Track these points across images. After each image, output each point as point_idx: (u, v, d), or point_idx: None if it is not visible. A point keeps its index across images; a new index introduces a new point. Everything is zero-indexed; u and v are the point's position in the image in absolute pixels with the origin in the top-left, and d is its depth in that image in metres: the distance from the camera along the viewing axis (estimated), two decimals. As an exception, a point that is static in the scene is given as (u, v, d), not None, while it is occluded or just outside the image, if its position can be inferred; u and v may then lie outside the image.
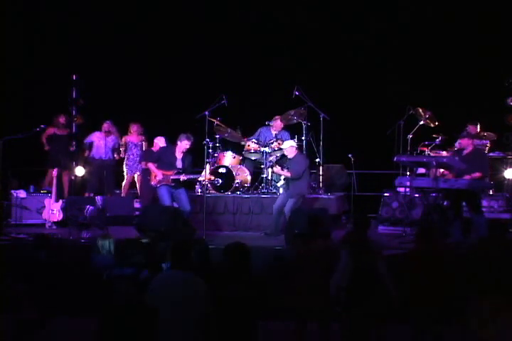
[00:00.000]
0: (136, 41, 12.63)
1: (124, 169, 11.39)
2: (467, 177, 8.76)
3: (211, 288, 4.92)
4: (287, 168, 9.87)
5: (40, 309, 5.96)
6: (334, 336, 6.09)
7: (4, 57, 12.41)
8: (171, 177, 9.31)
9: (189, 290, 4.85)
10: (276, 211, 9.67)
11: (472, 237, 8.55)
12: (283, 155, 10.37)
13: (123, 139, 11.40)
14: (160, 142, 10.46)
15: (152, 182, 9.48)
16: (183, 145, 9.36)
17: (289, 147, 9.79)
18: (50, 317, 6.06)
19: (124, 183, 11.46)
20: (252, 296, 5.00)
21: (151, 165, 9.50)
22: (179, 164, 9.40)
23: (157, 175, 9.36)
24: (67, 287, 6.52)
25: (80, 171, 11.09)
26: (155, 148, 10.37)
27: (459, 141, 9.44)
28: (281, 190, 10.28)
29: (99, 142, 11.20)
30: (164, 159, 9.44)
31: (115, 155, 11.30)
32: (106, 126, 11.21)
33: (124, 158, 11.35)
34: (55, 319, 6.17)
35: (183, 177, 9.29)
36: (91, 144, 11.25)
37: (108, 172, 11.04)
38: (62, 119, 11.18)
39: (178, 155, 9.43)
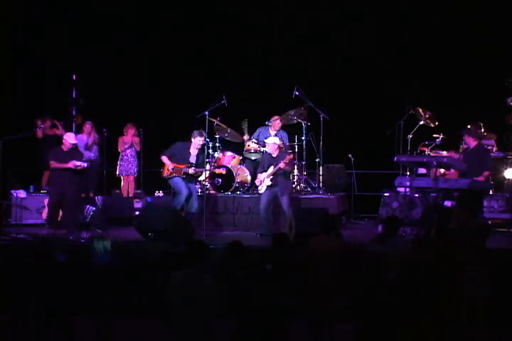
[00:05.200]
0: (136, 41, 12.63)
1: (118, 170, 11.42)
2: (480, 178, 8.85)
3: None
4: (274, 165, 9.67)
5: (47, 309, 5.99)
6: (339, 336, 6.09)
7: (4, 57, 12.42)
8: (183, 171, 9.45)
9: (204, 291, 4.86)
10: (264, 211, 9.62)
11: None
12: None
13: (119, 140, 11.42)
14: (69, 138, 9.86)
15: (164, 174, 9.61)
16: (197, 141, 9.56)
17: (272, 144, 9.72)
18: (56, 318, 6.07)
19: (122, 184, 11.47)
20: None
21: (164, 158, 9.62)
22: (193, 159, 9.58)
23: (169, 166, 9.51)
24: (68, 287, 6.53)
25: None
26: (65, 146, 9.76)
27: (464, 139, 9.50)
28: (262, 190, 9.94)
29: (83, 144, 11.18)
30: (178, 154, 9.61)
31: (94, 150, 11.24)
32: (88, 126, 11.17)
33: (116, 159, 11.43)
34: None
35: (191, 171, 9.41)
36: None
37: (94, 171, 11.04)
38: (48, 124, 11.14)
39: (193, 151, 9.61)
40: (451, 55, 11.94)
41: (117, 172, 11.46)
